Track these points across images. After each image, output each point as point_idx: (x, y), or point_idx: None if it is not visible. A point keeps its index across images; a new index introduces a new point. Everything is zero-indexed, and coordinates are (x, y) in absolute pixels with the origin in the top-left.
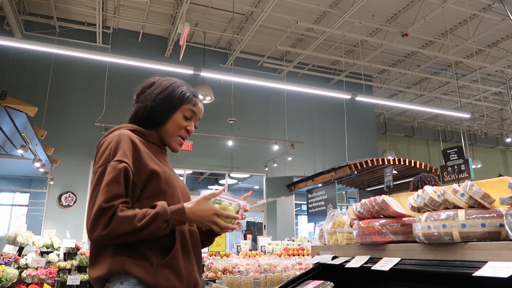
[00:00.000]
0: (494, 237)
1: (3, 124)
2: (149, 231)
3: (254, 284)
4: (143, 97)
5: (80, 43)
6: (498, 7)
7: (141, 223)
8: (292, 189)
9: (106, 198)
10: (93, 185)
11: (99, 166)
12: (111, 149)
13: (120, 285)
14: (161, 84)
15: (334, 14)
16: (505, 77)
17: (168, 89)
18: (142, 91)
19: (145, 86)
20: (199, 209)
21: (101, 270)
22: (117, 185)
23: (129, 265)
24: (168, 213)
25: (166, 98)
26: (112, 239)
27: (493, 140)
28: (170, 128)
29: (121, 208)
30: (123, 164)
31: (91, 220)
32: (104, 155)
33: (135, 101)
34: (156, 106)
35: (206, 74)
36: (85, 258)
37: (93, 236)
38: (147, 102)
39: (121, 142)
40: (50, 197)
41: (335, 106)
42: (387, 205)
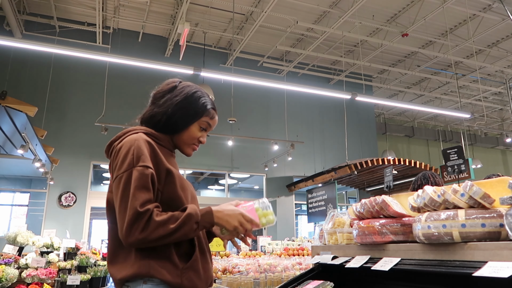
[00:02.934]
0: (494, 237)
1: (3, 124)
2: (182, 233)
3: (254, 284)
4: (162, 102)
5: (80, 43)
6: (498, 7)
7: (175, 225)
8: (292, 189)
9: (141, 202)
10: (120, 190)
11: (124, 171)
12: (134, 153)
13: (144, 284)
14: (183, 91)
15: (334, 14)
16: (505, 77)
17: (190, 98)
18: (161, 94)
19: (165, 89)
20: (226, 209)
21: (125, 272)
22: (147, 190)
23: (155, 269)
24: (199, 215)
25: (187, 108)
26: (149, 243)
27: (493, 140)
28: (186, 137)
29: (156, 212)
30: (150, 170)
31: (127, 225)
32: (127, 160)
33: (152, 102)
34: (176, 115)
35: (206, 74)
36: (85, 258)
37: (130, 240)
38: (167, 109)
39: (142, 147)
40: (50, 197)
41: (335, 106)
42: (387, 205)
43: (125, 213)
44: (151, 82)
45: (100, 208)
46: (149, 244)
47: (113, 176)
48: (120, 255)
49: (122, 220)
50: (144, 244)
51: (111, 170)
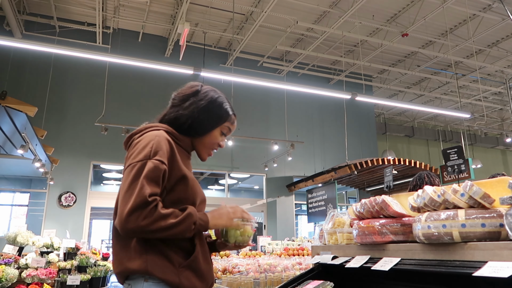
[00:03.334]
0: (494, 237)
1: (3, 124)
2: (179, 230)
3: (254, 284)
4: (187, 105)
5: (80, 43)
6: (498, 7)
7: (175, 220)
8: (292, 189)
9: (150, 192)
10: (131, 176)
11: (139, 160)
12: (152, 147)
13: (145, 282)
14: (206, 95)
15: (334, 14)
16: (505, 77)
17: (214, 103)
18: (185, 97)
19: (188, 93)
20: (217, 211)
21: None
22: (157, 184)
23: (152, 266)
24: (197, 216)
25: (212, 113)
26: (147, 233)
27: (493, 140)
28: (207, 141)
29: (161, 205)
30: (164, 166)
31: (130, 210)
32: (145, 151)
33: (175, 104)
34: (200, 119)
35: (206, 74)
36: (85, 258)
37: (129, 225)
38: (193, 112)
39: (161, 143)
40: (50, 197)
41: (335, 106)
42: (387, 205)
43: (130, 198)
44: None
45: (100, 208)
46: (146, 234)
47: (127, 164)
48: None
49: (124, 205)
50: (141, 233)
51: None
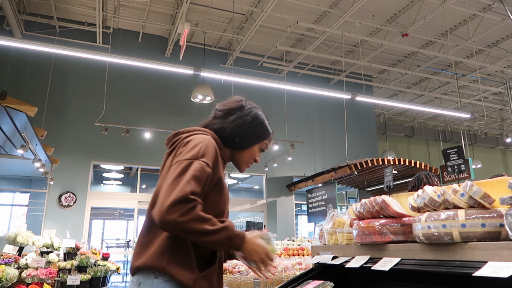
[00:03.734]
0: (494, 237)
1: (3, 124)
2: (212, 239)
3: (254, 284)
4: (232, 119)
5: (80, 43)
6: (498, 7)
7: (212, 228)
8: (292, 189)
9: (192, 190)
10: (177, 172)
11: (186, 159)
12: (201, 149)
13: (155, 279)
14: (251, 111)
15: (334, 14)
16: (505, 77)
17: (257, 120)
18: (231, 111)
19: (234, 106)
20: (256, 243)
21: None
22: (200, 185)
23: (172, 266)
24: (234, 233)
25: (255, 130)
26: (181, 230)
27: (493, 140)
28: (247, 155)
29: (201, 207)
30: (209, 169)
31: (171, 203)
32: (194, 151)
33: (218, 116)
34: (244, 133)
35: (206, 74)
36: (85, 258)
37: (167, 217)
38: (237, 127)
39: (210, 148)
40: (50, 197)
41: (335, 106)
42: (387, 205)
43: (172, 192)
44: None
45: (100, 208)
46: (180, 231)
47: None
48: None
49: (166, 197)
50: (175, 228)
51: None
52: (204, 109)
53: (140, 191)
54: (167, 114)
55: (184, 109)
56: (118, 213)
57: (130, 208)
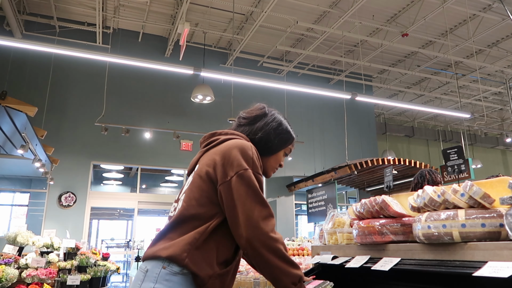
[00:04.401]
0: (494, 237)
1: (3, 124)
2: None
3: (254, 284)
4: (260, 125)
5: (80, 43)
6: (498, 7)
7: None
8: (292, 189)
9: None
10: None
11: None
12: (253, 158)
13: (162, 269)
14: (275, 118)
15: (334, 14)
16: (505, 77)
17: (282, 126)
18: (257, 118)
19: (259, 114)
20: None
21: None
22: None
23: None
24: (301, 284)
25: (281, 135)
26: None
27: (493, 140)
28: (273, 161)
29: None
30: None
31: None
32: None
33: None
34: (273, 140)
35: (206, 74)
36: (85, 258)
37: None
38: (266, 134)
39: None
40: (50, 197)
41: (335, 106)
42: (387, 205)
43: (255, 207)
44: (151, 82)
45: (100, 208)
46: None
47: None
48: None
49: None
50: (264, 242)
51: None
52: (204, 109)
53: (140, 191)
54: (167, 114)
55: (184, 109)
56: (118, 213)
57: (130, 208)
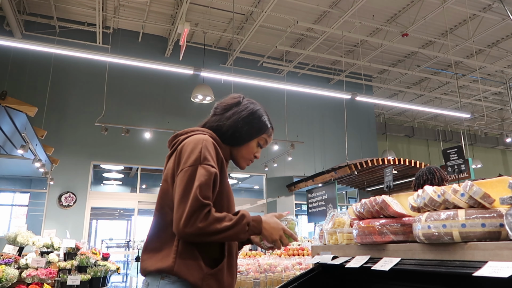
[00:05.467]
0: (494, 237)
1: (3, 124)
2: (234, 232)
3: (254, 284)
4: (230, 114)
5: (80, 43)
6: (498, 7)
7: (230, 223)
8: (292, 189)
9: (204, 196)
10: (185, 181)
11: (190, 165)
12: (201, 151)
13: (161, 280)
14: (248, 106)
15: (334, 14)
16: (505, 77)
17: (254, 115)
18: (227, 107)
19: (231, 103)
20: (273, 222)
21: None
22: (209, 188)
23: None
24: (250, 218)
25: (252, 124)
26: (205, 235)
27: (493, 140)
28: (244, 151)
29: (214, 209)
30: (214, 169)
31: (188, 214)
32: (195, 156)
33: (217, 113)
34: (241, 129)
35: (206, 74)
36: (85, 258)
37: (189, 230)
38: (235, 122)
39: (210, 148)
40: (50, 197)
41: (335, 106)
42: (387, 205)
43: (186, 203)
44: (151, 82)
45: (100, 208)
46: (205, 236)
47: (177, 169)
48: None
49: (182, 210)
50: (200, 236)
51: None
52: (204, 109)
53: (140, 191)
54: (167, 114)
55: (184, 109)
56: (118, 213)
57: (130, 208)
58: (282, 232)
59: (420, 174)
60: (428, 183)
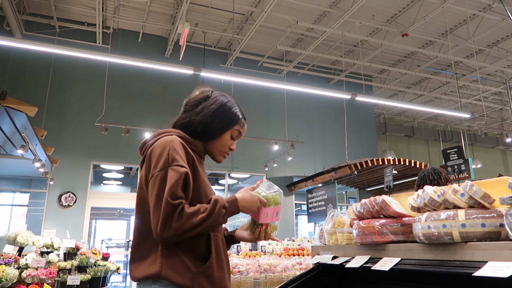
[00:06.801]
0: (494, 237)
1: (3, 124)
2: (212, 219)
3: (254, 284)
4: (199, 109)
5: (80, 43)
6: (498, 7)
7: (205, 213)
8: (292, 189)
9: (174, 197)
10: (156, 187)
11: (159, 170)
12: (169, 153)
13: (153, 284)
14: (217, 100)
15: (334, 14)
16: (505, 77)
17: (224, 107)
18: (197, 102)
19: (199, 98)
20: (248, 196)
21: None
22: (179, 187)
23: (167, 270)
24: (225, 200)
25: (222, 116)
26: (183, 233)
27: (493, 140)
28: (218, 144)
29: (187, 205)
30: (185, 169)
31: (163, 218)
32: (163, 159)
33: (186, 109)
34: (212, 122)
35: (206, 74)
36: (85, 258)
37: (167, 234)
38: (204, 117)
39: (177, 148)
40: (50, 197)
41: (335, 106)
42: (387, 205)
43: (160, 209)
44: (151, 82)
45: (100, 208)
46: (184, 234)
47: (148, 175)
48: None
49: (157, 216)
50: (179, 236)
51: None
52: None
53: None
54: (167, 114)
55: None
56: (118, 213)
57: (130, 208)
58: (259, 203)
59: (425, 174)
60: (434, 184)
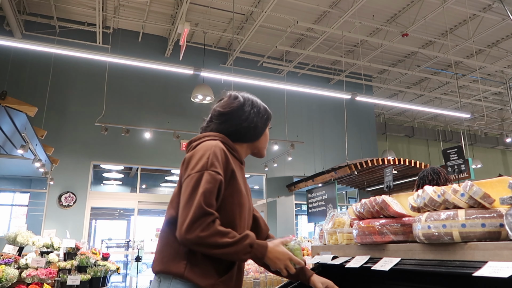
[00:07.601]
0: (494, 237)
1: (3, 124)
2: (234, 249)
3: (254, 284)
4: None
5: (80, 43)
6: (498, 7)
7: (232, 240)
8: (292, 189)
9: (208, 203)
10: (190, 187)
11: (197, 172)
12: (209, 157)
13: (173, 279)
14: (252, 103)
15: (334, 14)
16: (505, 77)
17: (260, 107)
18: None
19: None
20: (279, 251)
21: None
22: (213, 195)
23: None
24: (256, 241)
25: (263, 116)
26: (204, 246)
27: (493, 140)
28: (263, 140)
29: (218, 222)
30: (220, 177)
31: (190, 220)
32: (202, 162)
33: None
34: (259, 123)
35: (206, 74)
36: (85, 258)
37: (189, 236)
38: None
39: (218, 154)
40: (50, 197)
41: (335, 106)
42: (387, 205)
43: (190, 209)
44: (151, 82)
45: (100, 208)
46: (203, 247)
47: (185, 174)
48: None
49: (185, 215)
50: (199, 245)
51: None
52: (204, 109)
53: (140, 191)
54: (167, 114)
55: (184, 109)
56: (118, 213)
57: (130, 208)
58: (288, 262)
59: (425, 174)
60: (434, 184)
